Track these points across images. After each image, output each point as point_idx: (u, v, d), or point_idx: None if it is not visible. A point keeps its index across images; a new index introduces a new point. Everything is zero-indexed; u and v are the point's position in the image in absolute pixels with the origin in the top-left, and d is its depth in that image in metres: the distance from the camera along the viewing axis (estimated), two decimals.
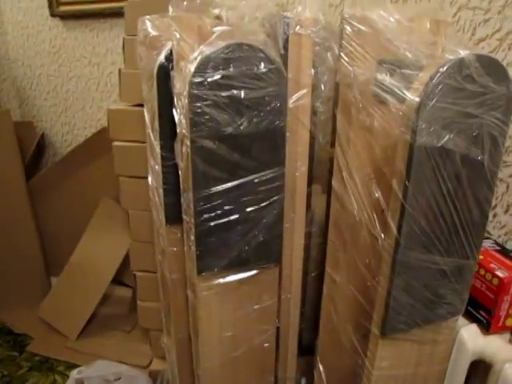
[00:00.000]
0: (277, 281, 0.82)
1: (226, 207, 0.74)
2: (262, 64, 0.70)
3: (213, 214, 0.74)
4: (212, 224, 0.74)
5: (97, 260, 1.64)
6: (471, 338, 0.78)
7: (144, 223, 1.30)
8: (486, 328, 0.79)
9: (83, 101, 1.77)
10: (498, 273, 0.76)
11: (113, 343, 1.61)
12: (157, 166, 0.97)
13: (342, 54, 0.66)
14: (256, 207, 0.75)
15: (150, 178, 1.04)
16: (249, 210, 0.75)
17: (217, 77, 0.69)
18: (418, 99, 0.55)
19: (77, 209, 1.78)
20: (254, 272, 0.79)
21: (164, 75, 0.85)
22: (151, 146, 0.98)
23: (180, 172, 0.83)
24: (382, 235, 0.63)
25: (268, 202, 0.75)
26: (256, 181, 0.74)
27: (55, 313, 1.69)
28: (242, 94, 0.70)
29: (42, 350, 1.67)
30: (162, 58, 0.85)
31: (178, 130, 0.78)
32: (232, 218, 0.74)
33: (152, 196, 1.03)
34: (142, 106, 1.02)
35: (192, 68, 0.70)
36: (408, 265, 0.61)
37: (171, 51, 0.80)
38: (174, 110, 0.81)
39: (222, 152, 0.71)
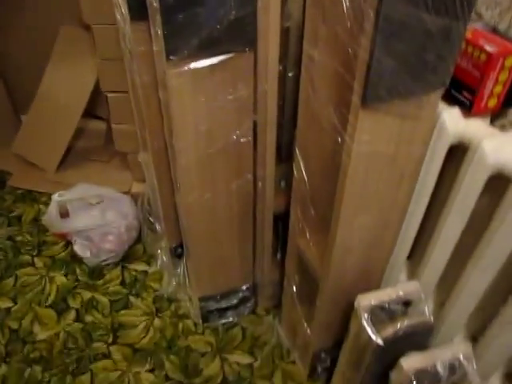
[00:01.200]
0: (252, 68, 0.77)
1: None
2: None
3: None
4: None
5: (66, 91, 1.56)
6: (452, 119, 0.76)
7: (110, 38, 1.20)
8: (469, 109, 0.77)
9: None
10: (487, 47, 0.72)
11: (92, 172, 1.61)
12: None
13: None
14: None
15: None
16: None
17: None
18: None
19: (37, 41, 1.64)
20: (227, 56, 0.73)
21: None
22: None
23: None
24: None
25: None
26: None
27: (30, 148, 1.66)
28: None
29: (23, 184, 1.67)
30: None
31: None
32: None
33: None
34: None
35: None
36: (393, 19, 0.56)
37: None
38: None
39: None
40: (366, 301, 0.84)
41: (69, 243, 1.43)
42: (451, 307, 0.88)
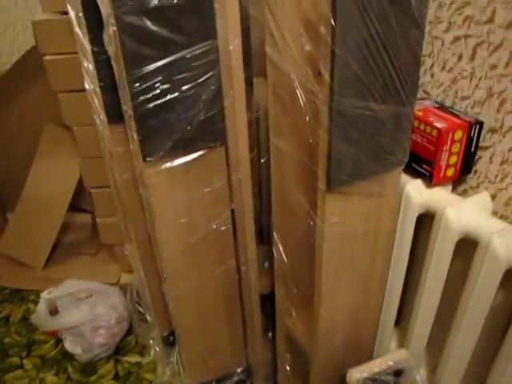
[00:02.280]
0: (224, 161, 0.82)
1: (162, 86, 0.72)
2: None
3: (149, 96, 0.72)
4: (150, 106, 0.73)
5: (50, 188, 1.61)
6: (416, 191, 0.82)
7: (90, 138, 1.27)
8: (430, 180, 0.82)
9: (4, 22, 1.64)
10: (437, 124, 0.78)
11: (80, 267, 1.62)
12: (90, 66, 0.93)
13: None
14: (192, 84, 0.73)
15: (86, 83, 1.00)
16: (185, 87, 0.73)
17: None
18: None
19: (21, 139, 1.71)
20: (200, 153, 0.78)
21: None
22: (81, 45, 0.94)
23: (112, 61, 0.79)
24: (318, 87, 0.63)
25: (204, 78, 0.74)
26: (188, 56, 0.71)
27: (17, 246, 1.68)
28: None
29: (11, 283, 1.67)
30: None
31: (102, 14, 0.74)
32: (169, 97, 0.73)
33: (91, 99, 1.00)
34: (67, 13, 0.97)
35: None
36: (345, 113, 0.62)
37: None
38: None
39: (150, 27, 0.68)
40: (357, 374, 0.85)
41: (59, 340, 1.42)
42: (443, 370, 0.89)
